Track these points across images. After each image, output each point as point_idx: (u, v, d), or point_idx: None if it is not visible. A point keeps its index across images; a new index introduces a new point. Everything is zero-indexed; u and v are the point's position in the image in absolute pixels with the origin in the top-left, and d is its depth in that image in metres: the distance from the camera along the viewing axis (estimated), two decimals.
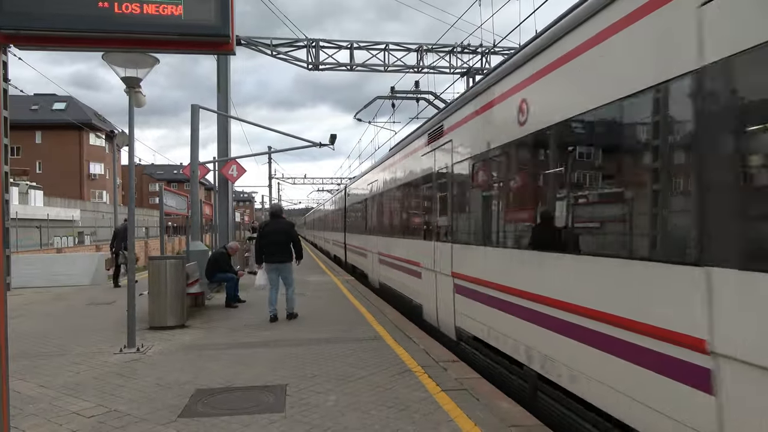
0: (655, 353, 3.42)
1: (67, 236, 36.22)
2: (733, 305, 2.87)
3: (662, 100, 3.46)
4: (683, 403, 3.22)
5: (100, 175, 60.00)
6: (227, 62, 16.35)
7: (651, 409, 3.48)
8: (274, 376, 6.15)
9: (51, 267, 17.20)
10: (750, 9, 2.80)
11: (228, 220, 16.27)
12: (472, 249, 6.78)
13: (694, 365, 3.12)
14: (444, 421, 4.67)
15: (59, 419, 4.90)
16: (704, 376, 3.04)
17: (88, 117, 55.45)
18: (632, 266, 3.68)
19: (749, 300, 2.77)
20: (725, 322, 2.91)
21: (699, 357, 3.07)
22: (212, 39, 3.57)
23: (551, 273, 4.80)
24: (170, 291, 9.07)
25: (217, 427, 4.63)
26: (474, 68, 17.86)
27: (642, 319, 3.53)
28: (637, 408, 3.61)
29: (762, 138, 2.87)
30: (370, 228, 15.31)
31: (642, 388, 3.56)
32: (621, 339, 3.75)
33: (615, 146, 4.17)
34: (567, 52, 4.60)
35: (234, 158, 16.31)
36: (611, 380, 3.90)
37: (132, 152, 8.03)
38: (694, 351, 3.11)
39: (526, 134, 5.29)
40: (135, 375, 6.30)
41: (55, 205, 41.94)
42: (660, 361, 3.38)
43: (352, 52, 18.26)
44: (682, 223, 3.36)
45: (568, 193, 4.65)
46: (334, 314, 10.26)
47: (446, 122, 8.04)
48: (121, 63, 7.35)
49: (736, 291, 2.85)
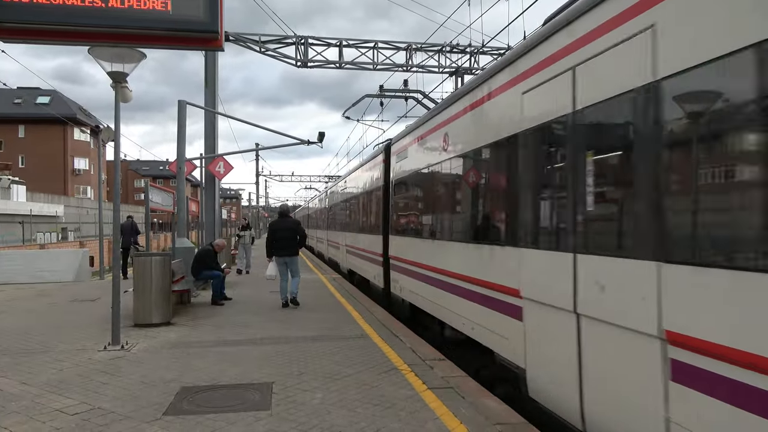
0: (493, 299, 5.85)
1: (51, 232, 35.75)
2: (528, 268, 5.05)
3: (500, 148, 5.81)
4: (507, 326, 5.47)
5: (85, 171, 59.26)
6: (215, 58, 16.22)
7: (490, 331, 5.97)
8: (260, 373, 6.14)
9: (34, 263, 17.01)
10: (544, 99, 4.77)
11: (215, 217, 16.18)
12: (397, 239, 10.76)
13: (514, 304, 5.30)
14: (430, 419, 4.69)
15: (42, 417, 4.85)
16: (519, 310, 5.19)
17: (73, 111, 54.68)
18: (482, 248, 6.27)
19: (534, 265, 4.94)
20: (525, 278, 5.08)
21: (516, 300, 5.24)
22: (201, 35, 3.56)
23: (440, 251, 7.84)
24: (155, 288, 9.01)
25: (202, 425, 4.61)
26: (463, 68, 17.91)
27: (487, 278, 6.01)
28: (482, 330, 6.18)
29: None
30: (342, 226, 19.54)
31: (486, 319, 6.03)
32: (476, 291, 6.33)
33: (470, 180, 6.90)
34: (452, 116, 7.42)
35: (221, 155, 16.20)
36: (471, 316, 6.52)
37: (118, 147, 7.95)
38: (514, 296, 5.28)
39: (442, 160, 7.87)
40: (119, 372, 6.25)
41: (39, 200, 41.32)
42: (496, 301, 5.74)
43: (341, 49, 18.22)
44: (501, 223, 5.85)
45: (434, 204, 8.48)
46: (321, 312, 10.25)
47: (392, 147, 11.55)
48: (108, 57, 7.25)
49: (528, 260, 5.04)
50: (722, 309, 2.88)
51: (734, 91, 2.89)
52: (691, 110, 3.22)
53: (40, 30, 3.34)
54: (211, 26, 3.52)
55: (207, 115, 15.88)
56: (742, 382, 2.70)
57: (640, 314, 3.45)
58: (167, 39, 3.57)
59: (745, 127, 2.85)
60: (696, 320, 3.03)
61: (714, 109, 3.04)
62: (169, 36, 3.56)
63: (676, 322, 3.17)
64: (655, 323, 3.30)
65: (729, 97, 2.93)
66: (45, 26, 3.30)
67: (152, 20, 3.43)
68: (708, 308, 2.97)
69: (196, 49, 6.57)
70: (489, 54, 18.23)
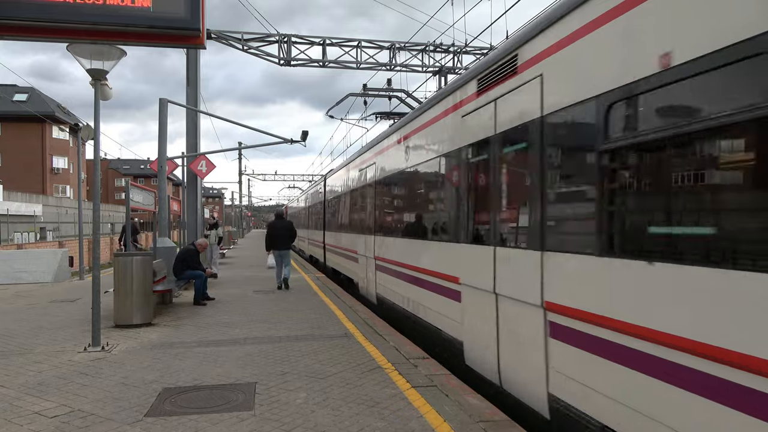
0: (439, 285, 7.10)
1: (29, 232, 35.07)
2: (464, 259, 6.24)
3: (438, 163, 7.22)
4: (450, 308, 6.67)
5: (64, 170, 58.27)
6: (197, 56, 16.07)
7: (437, 312, 7.19)
8: (243, 373, 6.10)
9: (11, 263, 16.68)
10: (477, 122, 5.89)
11: (197, 216, 16.03)
12: (329, 233, 17.10)
13: (455, 290, 6.51)
14: (414, 418, 4.70)
15: (20, 420, 4.77)
16: (458, 294, 6.39)
17: (51, 109, 53.73)
18: (431, 244, 7.51)
19: (468, 256, 6.11)
20: (463, 267, 6.27)
21: (457, 285, 6.43)
22: (182, 32, 3.52)
23: (348, 240, 12.51)
24: (136, 288, 8.90)
25: (185, 425, 4.57)
26: (446, 67, 17.97)
27: (435, 269, 7.27)
28: (433, 314, 7.38)
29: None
30: (302, 226, 27.72)
31: (436, 304, 7.27)
32: (430, 281, 7.52)
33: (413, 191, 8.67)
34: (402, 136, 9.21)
35: (203, 153, 16.07)
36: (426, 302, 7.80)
37: (97, 146, 7.84)
38: (455, 282, 6.47)
39: (377, 180, 10.90)
40: (100, 374, 6.17)
41: (16, 199, 40.51)
42: (442, 288, 6.97)
43: (324, 48, 18.17)
44: (438, 225, 7.37)
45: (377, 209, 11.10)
46: (305, 311, 10.22)
47: (328, 176, 17.06)
48: (87, 54, 7.16)
49: (464, 252, 6.23)
50: (578, 284, 4.03)
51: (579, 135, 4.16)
52: (562, 141, 4.37)
53: (15, 26, 3.27)
54: (193, 23, 3.48)
55: (189, 114, 15.72)
56: (594, 335, 3.83)
57: (531, 290, 4.62)
58: (148, 36, 3.52)
59: (586, 154, 4.01)
60: (564, 293, 4.21)
61: (566, 143, 4.32)
62: (150, 33, 3.51)
63: (551, 295, 4.37)
64: (539, 296, 4.50)
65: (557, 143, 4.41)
66: (20, 22, 3.22)
67: (132, 17, 3.37)
68: (570, 283, 4.15)
69: (177, 47, 6.49)
70: (472, 54, 18.31)
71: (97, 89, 7.52)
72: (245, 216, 68.60)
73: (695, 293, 3.00)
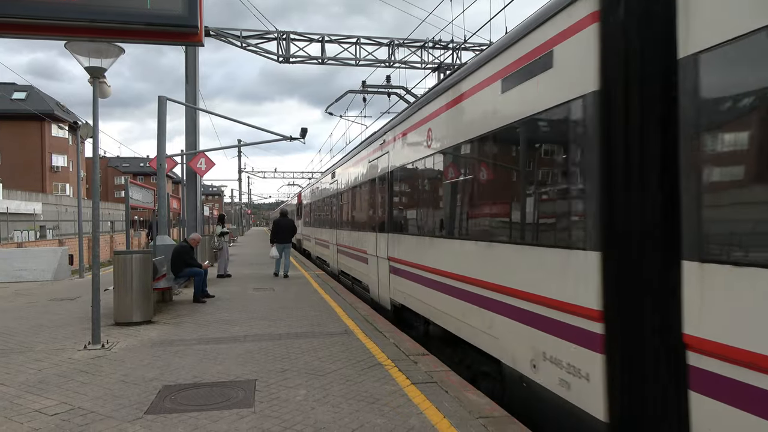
0: (414, 274, 8.37)
1: (28, 230, 35.09)
2: (373, 240, 10.68)
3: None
4: (365, 268, 11.54)
5: (63, 168, 58.22)
6: (195, 53, 16.05)
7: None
8: (243, 370, 6.11)
9: (11, 262, 16.67)
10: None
11: (196, 214, 16.02)
12: (305, 228, 27.83)
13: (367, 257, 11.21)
14: (414, 414, 4.71)
15: (20, 417, 4.77)
16: (367, 260, 11.23)
17: (50, 107, 53.65)
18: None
19: (396, 243, 8.95)
20: (371, 245, 10.81)
21: (367, 256, 11.32)
22: (180, 29, 3.51)
23: (319, 232, 21.27)
24: (136, 286, 8.90)
25: (185, 423, 4.58)
26: (445, 63, 17.94)
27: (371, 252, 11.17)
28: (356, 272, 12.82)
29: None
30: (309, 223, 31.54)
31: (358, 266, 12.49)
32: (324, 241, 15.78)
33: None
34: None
35: (203, 151, 16.05)
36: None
37: (96, 144, 7.83)
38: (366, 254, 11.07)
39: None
40: (100, 372, 6.17)
41: (16, 198, 40.49)
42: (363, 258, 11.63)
43: (323, 45, 18.15)
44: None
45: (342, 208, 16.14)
46: (305, 309, 10.23)
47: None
48: (85, 52, 7.14)
49: (395, 241, 9.03)
50: (398, 246, 8.61)
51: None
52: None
53: (12, 24, 3.26)
54: (190, 20, 3.47)
55: (188, 111, 15.71)
56: (410, 272, 7.98)
57: (385, 253, 9.33)
58: (146, 33, 3.51)
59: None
60: (394, 251, 8.89)
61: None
62: (148, 30, 3.50)
63: (390, 253, 9.13)
64: (386, 254, 9.31)
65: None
66: (18, 20, 3.21)
67: (130, 14, 3.36)
68: (398, 248, 8.64)
69: (175, 44, 6.47)
70: (471, 50, 18.28)
71: (95, 87, 7.51)
72: (245, 214, 68.51)
73: (414, 246, 7.84)
